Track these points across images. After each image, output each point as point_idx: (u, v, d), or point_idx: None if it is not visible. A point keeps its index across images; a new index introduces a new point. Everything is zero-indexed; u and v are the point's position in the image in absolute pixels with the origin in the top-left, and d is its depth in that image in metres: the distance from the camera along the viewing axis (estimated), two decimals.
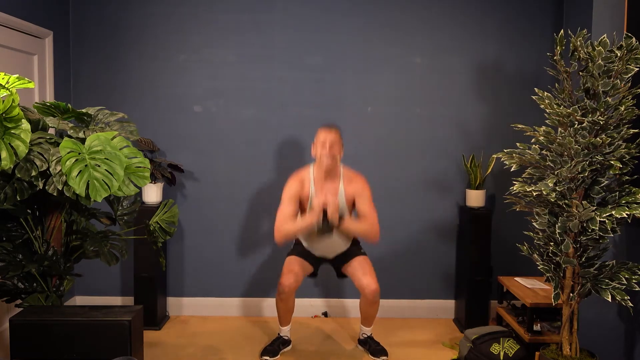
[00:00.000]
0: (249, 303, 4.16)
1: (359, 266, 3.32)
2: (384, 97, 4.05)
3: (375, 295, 3.27)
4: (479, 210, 3.86)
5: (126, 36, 4.02)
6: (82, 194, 2.37)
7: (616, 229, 2.46)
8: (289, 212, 3.24)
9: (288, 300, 3.34)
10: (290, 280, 3.26)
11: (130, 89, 4.05)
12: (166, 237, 3.19)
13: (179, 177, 4.07)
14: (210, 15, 4.01)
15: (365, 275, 3.28)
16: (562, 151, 2.51)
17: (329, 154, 3.19)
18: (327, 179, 3.29)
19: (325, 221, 3.10)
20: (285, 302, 3.35)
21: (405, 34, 4.03)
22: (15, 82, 2.35)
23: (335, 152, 3.22)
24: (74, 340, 2.40)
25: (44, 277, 2.72)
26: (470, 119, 4.07)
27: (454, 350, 3.55)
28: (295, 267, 3.32)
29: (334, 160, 3.22)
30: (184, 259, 4.15)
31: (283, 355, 3.45)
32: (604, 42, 2.45)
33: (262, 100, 4.05)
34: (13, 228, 2.69)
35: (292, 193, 3.28)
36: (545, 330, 3.34)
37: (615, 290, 2.44)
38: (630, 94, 2.46)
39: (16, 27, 3.37)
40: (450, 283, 4.16)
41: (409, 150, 4.08)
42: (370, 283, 3.25)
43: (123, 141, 2.55)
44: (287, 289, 3.27)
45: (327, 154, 3.19)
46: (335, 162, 3.24)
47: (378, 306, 3.40)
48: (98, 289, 4.16)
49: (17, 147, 2.28)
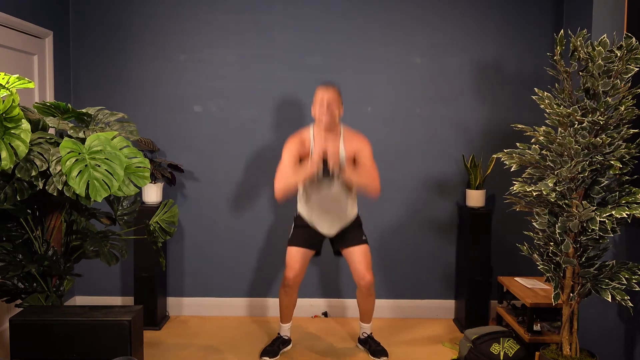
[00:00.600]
0: (249, 303, 4.16)
1: (358, 256, 3.32)
2: (384, 97, 4.06)
3: (369, 287, 3.31)
4: (479, 210, 3.86)
5: (126, 36, 4.02)
6: (82, 194, 2.37)
7: (616, 229, 2.46)
8: (289, 166, 3.17)
9: (292, 293, 3.38)
10: (295, 272, 3.30)
11: (130, 89, 4.05)
12: (166, 237, 3.19)
13: (179, 177, 4.07)
14: (210, 15, 4.01)
15: (362, 265, 3.30)
16: (562, 151, 2.51)
17: (328, 111, 3.16)
18: (327, 138, 3.23)
19: (326, 169, 3.06)
20: (289, 295, 3.38)
21: (405, 34, 4.03)
22: (15, 82, 2.35)
23: (334, 109, 3.18)
24: (74, 340, 2.40)
25: (44, 277, 2.72)
26: (470, 119, 4.07)
27: (454, 350, 3.55)
28: (297, 259, 3.32)
29: (332, 119, 3.18)
30: (184, 259, 4.15)
31: (283, 355, 3.45)
32: (604, 42, 2.45)
33: (262, 100, 4.05)
34: (13, 228, 2.69)
35: (292, 151, 3.22)
36: (545, 330, 3.34)
37: (615, 290, 2.44)
38: (630, 94, 2.46)
39: (16, 27, 3.37)
40: (450, 283, 4.16)
41: (409, 150, 4.08)
42: (365, 275, 3.29)
43: (123, 141, 2.55)
44: (292, 282, 3.31)
45: (326, 112, 3.16)
46: (334, 120, 3.20)
47: (374, 300, 3.44)
48: (98, 289, 4.16)
49: (17, 147, 2.28)
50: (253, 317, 4.14)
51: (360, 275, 3.30)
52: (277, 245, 4.05)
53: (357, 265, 3.31)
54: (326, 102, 3.16)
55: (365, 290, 3.33)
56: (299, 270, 3.32)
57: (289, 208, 3.80)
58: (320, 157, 3.06)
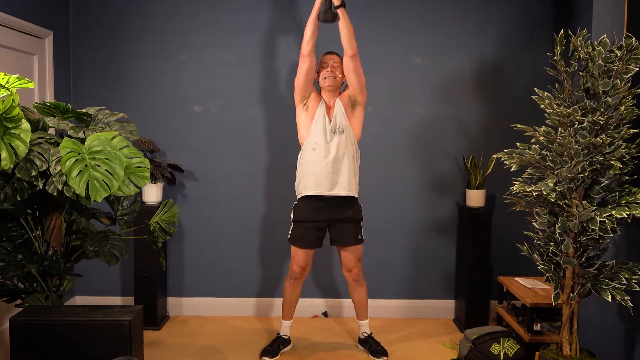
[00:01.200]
0: (249, 303, 4.16)
1: (350, 254, 3.41)
2: (384, 97, 4.05)
3: (357, 278, 3.46)
4: (479, 210, 3.86)
5: (126, 36, 4.02)
6: (82, 194, 2.37)
7: (616, 229, 2.46)
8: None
9: (297, 286, 3.48)
10: (302, 265, 3.40)
11: (130, 89, 4.05)
12: (166, 237, 3.19)
13: (179, 177, 4.07)
14: (210, 15, 4.01)
15: (351, 261, 3.42)
16: (562, 151, 2.51)
17: (331, 73, 3.30)
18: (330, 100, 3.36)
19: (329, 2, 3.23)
20: (294, 287, 3.47)
21: (405, 34, 4.03)
22: (15, 82, 2.35)
23: (337, 72, 3.33)
24: (74, 340, 2.40)
25: (44, 277, 2.72)
26: (470, 119, 4.07)
27: (454, 350, 3.55)
28: (302, 257, 3.39)
29: (335, 80, 3.31)
30: (184, 259, 4.15)
31: (283, 355, 3.45)
32: (604, 42, 2.45)
33: (262, 100, 4.05)
34: (13, 228, 2.69)
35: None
36: (545, 330, 3.34)
37: (615, 290, 2.44)
38: (630, 94, 2.46)
39: (16, 27, 3.37)
40: (450, 283, 4.16)
41: (409, 150, 4.08)
42: (353, 267, 3.43)
43: (123, 141, 2.55)
44: (299, 275, 3.42)
45: (330, 73, 3.30)
46: (337, 82, 3.33)
47: (365, 291, 3.52)
48: (98, 289, 4.16)
49: (17, 147, 2.28)
50: (253, 317, 4.14)
51: (347, 267, 3.43)
52: (277, 246, 4.05)
53: (347, 261, 3.43)
54: (330, 64, 3.32)
55: (354, 281, 3.46)
56: (306, 264, 3.42)
57: (289, 207, 3.80)
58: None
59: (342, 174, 3.28)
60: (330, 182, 3.28)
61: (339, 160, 3.27)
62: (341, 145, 3.27)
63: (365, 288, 3.52)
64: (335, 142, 3.26)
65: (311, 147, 3.29)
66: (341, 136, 3.27)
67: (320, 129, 3.27)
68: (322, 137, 3.27)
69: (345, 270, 3.46)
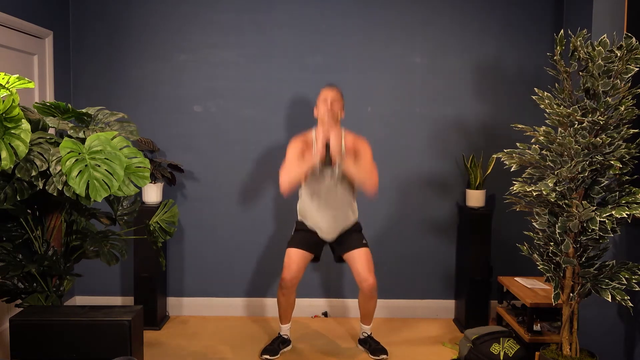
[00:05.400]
0: (249, 303, 4.16)
1: (360, 259, 3.33)
2: (384, 97, 4.06)
3: (372, 289, 3.32)
4: (479, 210, 3.86)
5: (126, 36, 4.02)
6: (82, 194, 2.37)
7: (616, 229, 2.46)
8: (293, 160, 3.26)
9: (290, 294, 3.39)
10: (292, 274, 3.31)
11: (130, 89, 4.05)
12: (166, 237, 3.19)
13: (179, 177, 4.07)
14: (210, 15, 4.01)
15: (364, 268, 3.30)
16: (562, 151, 2.51)
17: (331, 110, 3.26)
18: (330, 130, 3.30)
19: (328, 157, 3.16)
20: (287, 296, 3.39)
21: (405, 34, 4.03)
22: (15, 82, 2.35)
23: (337, 109, 3.29)
24: (74, 340, 2.40)
25: (44, 277, 2.72)
26: (470, 119, 4.07)
27: (454, 350, 3.55)
28: (295, 260, 3.34)
29: (335, 118, 3.28)
30: (184, 259, 4.15)
31: (283, 355, 3.45)
32: (604, 42, 2.45)
33: (262, 100, 4.05)
34: (13, 228, 2.69)
35: (296, 148, 3.33)
36: (545, 330, 3.34)
37: (615, 290, 2.44)
38: (630, 94, 2.46)
39: (16, 27, 3.37)
40: (450, 283, 4.16)
41: (409, 150, 4.08)
42: (368, 277, 3.29)
43: (123, 141, 2.55)
44: (289, 283, 3.32)
45: (329, 111, 3.26)
46: (336, 119, 3.29)
47: (375, 302, 3.44)
48: (98, 289, 4.16)
49: (17, 147, 2.28)
50: (253, 317, 4.14)
51: (362, 278, 3.30)
52: (277, 245, 4.05)
53: (359, 268, 3.31)
54: (330, 100, 3.26)
55: (368, 292, 3.34)
56: (296, 272, 3.33)
57: (288, 207, 3.81)
58: (323, 144, 3.15)
59: (340, 214, 3.35)
60: (329, 227, 3.36)
61: (338, 202, 3.33)
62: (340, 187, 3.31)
63: (375, 300, 3.43)
64: (335, 186, 3.30)
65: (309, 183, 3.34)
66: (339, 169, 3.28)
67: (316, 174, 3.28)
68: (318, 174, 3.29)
69: (360, 280, 3.31)
